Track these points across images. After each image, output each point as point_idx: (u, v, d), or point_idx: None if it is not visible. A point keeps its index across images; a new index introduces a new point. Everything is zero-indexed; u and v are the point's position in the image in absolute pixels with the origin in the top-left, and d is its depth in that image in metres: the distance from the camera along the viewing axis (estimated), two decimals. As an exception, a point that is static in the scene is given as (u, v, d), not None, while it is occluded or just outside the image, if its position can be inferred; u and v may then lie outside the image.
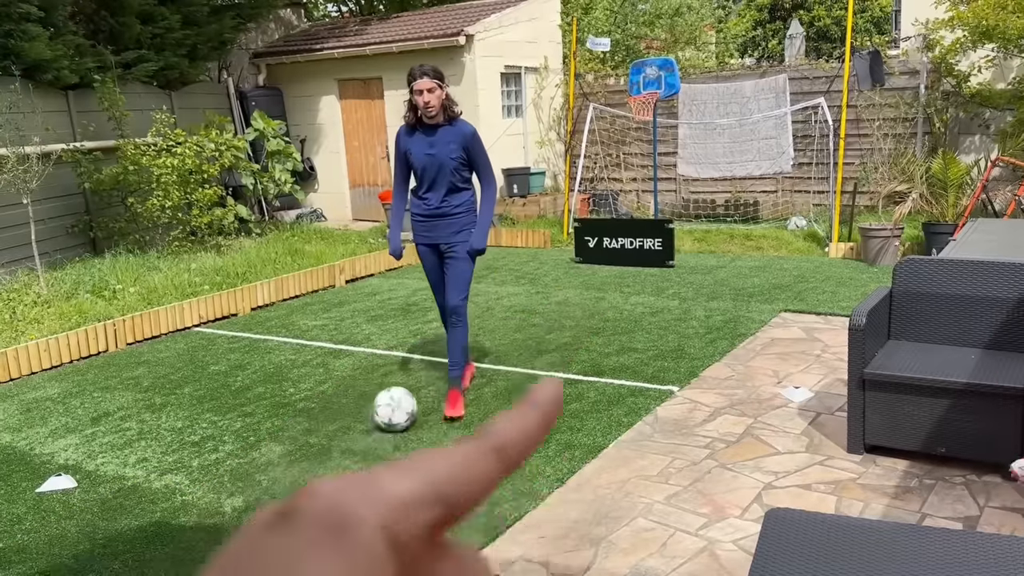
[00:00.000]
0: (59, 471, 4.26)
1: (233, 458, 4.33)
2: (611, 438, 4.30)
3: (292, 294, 8.11)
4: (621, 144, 12.15)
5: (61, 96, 9.35)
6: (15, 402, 5.42)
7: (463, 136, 4.39)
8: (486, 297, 7.71)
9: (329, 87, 12.59)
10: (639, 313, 6.83)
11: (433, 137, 4.40)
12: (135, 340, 6.74)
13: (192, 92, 11.30)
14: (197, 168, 9.60)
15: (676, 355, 5.64)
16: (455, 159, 4.40)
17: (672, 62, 9.63)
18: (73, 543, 3.53)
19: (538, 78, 12.51)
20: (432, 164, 4.41)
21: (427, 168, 4.43)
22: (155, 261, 9.03)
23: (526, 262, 9.39)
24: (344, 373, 5.64)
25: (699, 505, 3.58)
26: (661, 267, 8.64)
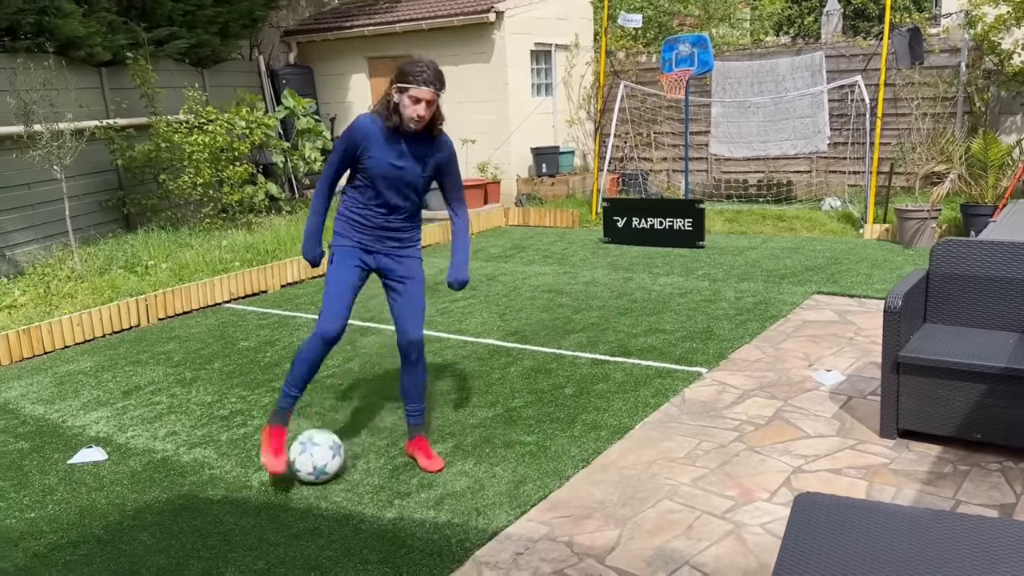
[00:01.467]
0: (90, 443, 4.33)
1: (261, 433, 4.36)
2: (638, 419, 4.26)
3: (322, 272, 8.14)
4: (652, 123, 12.00)
5: (94, 73, 9.42)
6: (48, 375, 5.50)
7: (441, 154, 3.72)
8: (513, 276, 7.68)
9: (359, 65, 12.57)
10: (668, 294, 6.75)
11: (402, 147, 3.61)
12: (166, 315, 6.81)
13: (223, 70, 11.34)
14: (228, 146, 9.65)
15: (705, 336, 5.57)
16: (425, 177, 3.69)
17: (706, 39, 9.47)
18: (103, 514, 3.58)
19: (568, 56, 12.37)
20: (397, 178, 3.62)
21: (390, 180, 3.62)
22: (187, 238, 9.11)
23: (554, 242, 9.33)
24: (371, 350, 5.65)
25: (726, 488, 3.54)
26: (691, 248, 8.54)
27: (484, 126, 11.54)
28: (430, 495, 3.58)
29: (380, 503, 3.53)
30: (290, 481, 3.78)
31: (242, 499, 3.65)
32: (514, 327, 6.02)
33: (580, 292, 6.96)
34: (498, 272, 7.90)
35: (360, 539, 3.26)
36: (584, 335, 5.74)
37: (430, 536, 3.25)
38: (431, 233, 9.61)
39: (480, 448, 4.01)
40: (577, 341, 5.61)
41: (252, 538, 3.32)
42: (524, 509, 3.42)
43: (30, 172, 8.48)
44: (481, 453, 3.96)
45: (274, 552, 3.21)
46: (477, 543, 3.19)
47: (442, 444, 4.09)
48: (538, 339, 5.70)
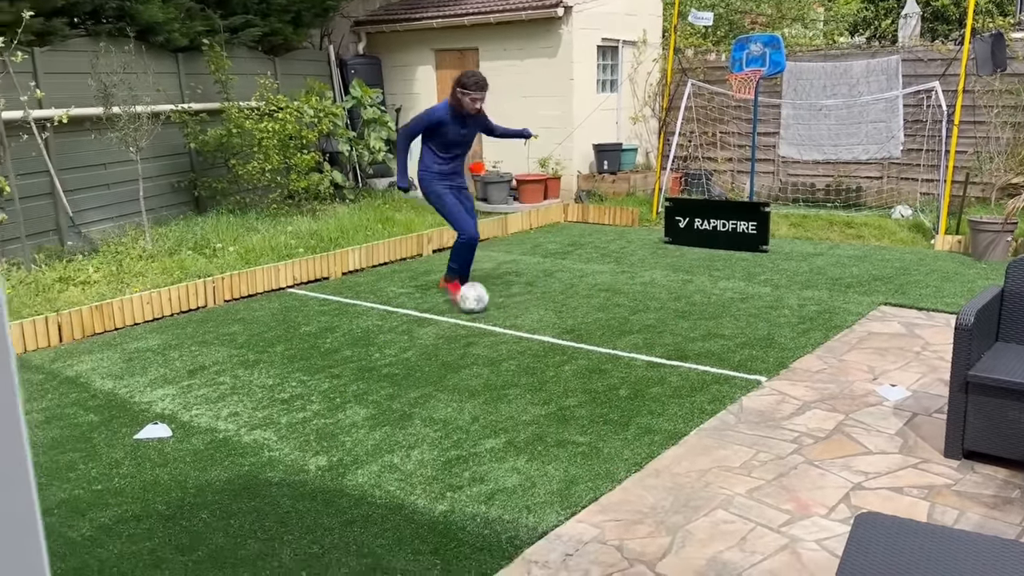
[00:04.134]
0: (156, 420, 4.47)
1: (319, 418, 4.45)
2: (692, 425, 4.22)
3: (381, 260, 8.25)
4: (718, 122, 11.82)
5: (171, 58, 9.69)
6: (119, 351, 5.70)
7: (481, 123, 6.61)
8: (570, 274, 7.66)
9: (426, 57, 12.66)
10: (728, 298, 6.66)
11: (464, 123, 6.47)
12: (232, 298, 6.99)
13: (294, 58, 11.55)
14: (297, 133, 9.83)
15: (765, 344, 5.48)
16: (473, 137, 6.58)
17: (778, 39, 9.28)
18: (165, 490, 3.70)
19: (636, 52, 12.26)
20: (463, 141, 6.51)
21: (458, 143, 6.50)
22: (254, 222, 9.32)
23: (612, 240, 9.28)
24: (427, 341, 5.71)
25: (782, 501, 3.48)
26: (754, 251, 8.40)
27: (547, 121, 11.52)
28: (482, 490, 3.60)
29: (433, 495, 3.57)
30: (347, 467, 3.85)
31: (299, 482, 3.74)
32: (570, 325, 6.02)
33: (638, 292, 6.91)
34: (555, 268, 7.90)
35: (412, 529, 3.31)
36: (640, 336, 5.70)
37: (480, 531, 3.28)
38: (488, 227, 9.65)
39: (532, 446, 4.02)
40: (633, 342, 5.58)
41: (308, 521, 3.40)
42: (575, 510, 3.42)
43: (108, 152, 8.77)
44: (533, 451, 3.97)
45: (328, 537, 3.27)
46: (527, 541, 3.20)
47: (495, 439, 4.11)
48: (594, 338, 5.68)
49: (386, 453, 3.99)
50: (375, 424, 4.34)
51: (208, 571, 3.07)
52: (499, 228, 9.74)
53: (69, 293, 6.74)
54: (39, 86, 7.93)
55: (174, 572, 3.06)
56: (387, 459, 3.93)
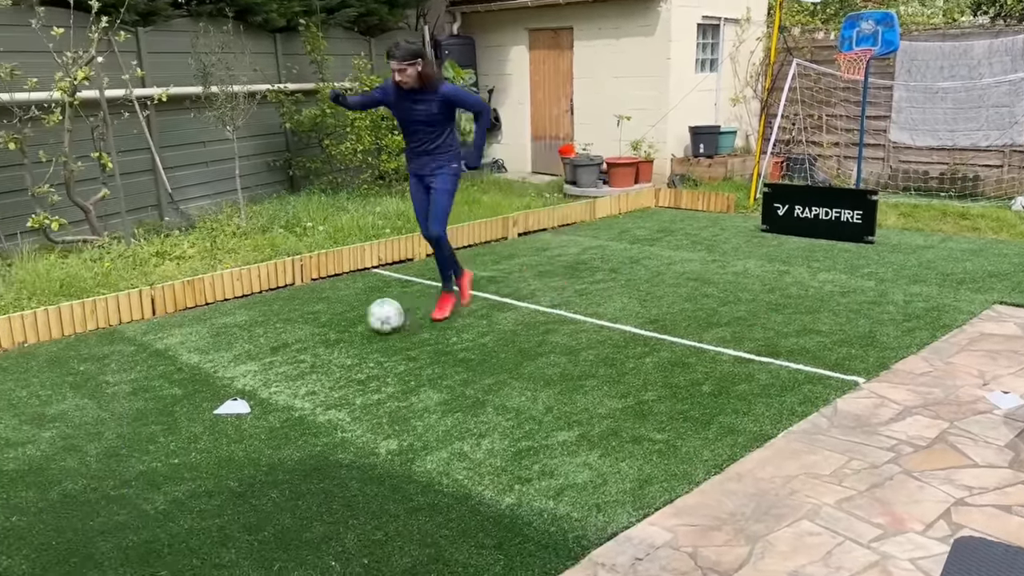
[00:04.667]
0: (236, 396, 4.53)
1: (393, 400, 4.42)
2: (781, 427, 3.96)
3: (465, 243, 8.20)
4: (824, 105, 11.23)
5: (269, 38, 9.86)
6: (207, 325, 5.83)
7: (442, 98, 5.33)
8: (658, 261, 7.41)
9: (520, 37, 12.51)
10: (827, 292, 6.29)
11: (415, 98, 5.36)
12: (319, 276, 7.07)
13: (389, 39, 11.58)
14: (389, 115, 9.87)
15: (865, 342, 5.13)
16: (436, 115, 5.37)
17: (892, 16, 8.70)
18: (239, 467, 3.73)
19: (738, 30, 11.77)
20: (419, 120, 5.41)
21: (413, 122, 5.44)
22: (344, 202, 9.42)
23: (705, 227, 8.94)
24: (506, 327, 5.61)
25: (875, 514, 3.21)
26: (858, 242, 7.93)
27: (641, 102, 11.20)
28: (551, 484, 3.48)
29: (500, 486, 3.47)
30: (416, 452, 3.79)
31: (368, 466, 3.70)
32: (654, 315, 5.80)
33: (729, 283, 6.61)
34: (642, 256, 7.65)
35: (477, 521, 3.21)
36: (729, 330, 5.44)
37: (547, 528, 3.15)
38: (575, 211, 9.46)
39: (606, 440, 3.86)
40: (721, 336, 5.32)
41: (374, 506, 3.35)
42: (647, 511, 3.25)
43: (206, 131, 9.02)
44: (607, 446, 3.81)
45: (393, 524, 3.22)
46: (595, 542, 3.06)
47: (567, 432, 3.97)
48: (678, 330, 5.45)
49: (456, 440, 3.91)
50: (447, 410, 4.27)
51: (273, 552, 3.05)
52: (586, 212, 9.54)
53: (164, 267, 6.96)
54: (141, 65, 8.20)
55: (240, 551, 3.07)
56: (457, 446, 3.85)
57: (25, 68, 6.90)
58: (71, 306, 5.68)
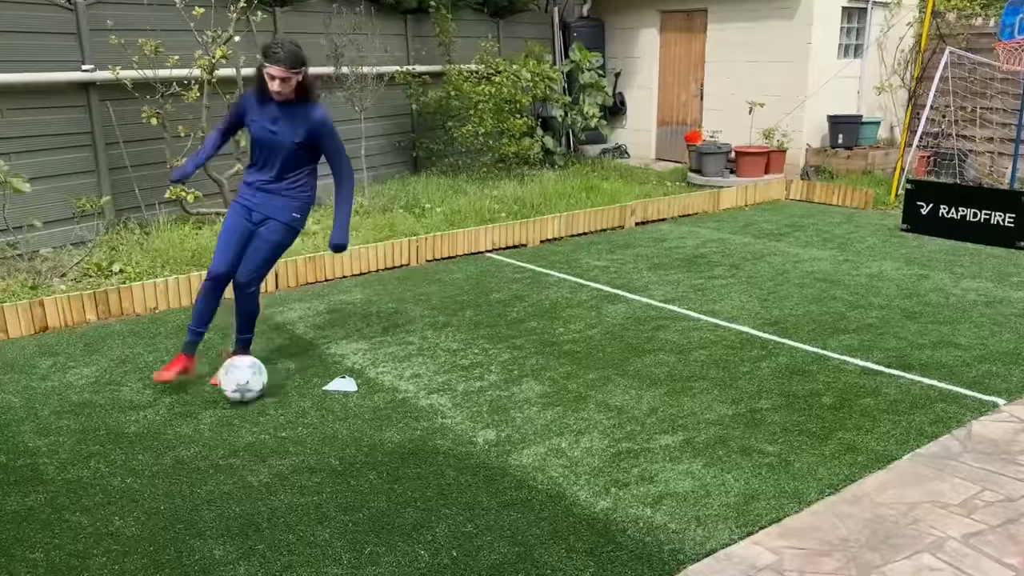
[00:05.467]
0: (345, 374, 4.61)
1: (495, 389, 4.38)
2: (907, 448, 3.66)
3: (581, 230, 8.06)
4: (979, 97, 10.35)
5: (400, 20, 9.99)
6: (324, 302, 5.97)
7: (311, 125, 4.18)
8: (783, 258, 7.03)
9: (651, 19, 12.16)
10: (970, 301, 5.79)
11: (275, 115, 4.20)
12: (433, 258, 7.12)
13: (518, 21, 11.53)
14: (512, 97, 9.83)
15: (1010, 359, 4.67)
16: (297, 143, 4.20)
17: (1065, -1, 7.88)
18: (342, 445, 3.78)
19: (887, 14, 11.00)
20: (270, 142, 4.21)
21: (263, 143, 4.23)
22: (463, 184, 9.47)
23: (839, 223, 8.43)
24: (615, 320, 5.45)
25: (1008, 553, 2.90)
26: (1009, 248, 7.27)
27: (775, 88, 10.67)
28: (649, 490, 3.34)
29: (596, 488, 3.36)
30: (514, 444, 3.73)
31: (465, 454, 3.67)
32: (775, 316, 5.50)
33: (860, 286, 6.20)
34: (767, 251, 7.29)
35: (569, 523, 3.12)
36: (856, 337, 5.08)
37: (642, 537, 3.02)
38: (698, 201, 9.13)
39: (712, 449, 3.68)
40: (847, 343, 4.98)
41: (467, 497, 3.32)
42: (751, 529, 3.06)
43: (335, 111, 9.13)
44: (713, 455, 3.62)
45: (484, 517, 3.17)
46: (692, 557, 2.91)
47: (671, 436, 3.81)
48: (800, 334, 5.14)
49: (555, 435, 3.82)
50: (548, 403, 4.18)
51: (366, 535, 3.07)
52: (710, 203, 9.19)
53: (289, 242, 7.18)
54: (278, 46, 8.46)
55: (335, 531, 3.10)
56: (555, 442, 3.76)
57: (168, 46, 7.25)
58: (200, 276, 5.94)
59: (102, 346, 5.10)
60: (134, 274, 6.19)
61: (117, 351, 5.01)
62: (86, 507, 3.28)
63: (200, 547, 3.01)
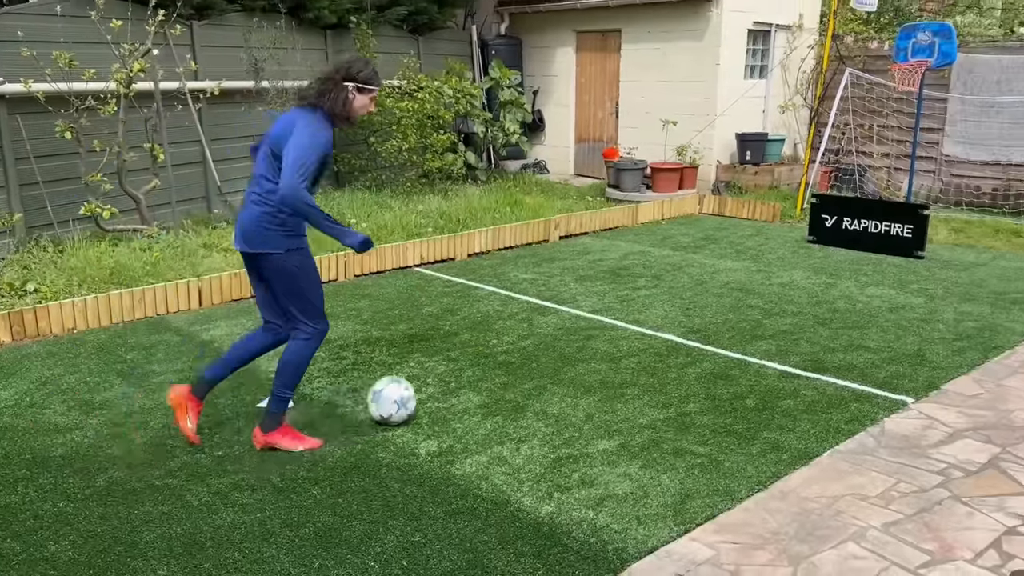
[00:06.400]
0: (279, 390, 4.56)
1: (434, 401, 4.42)
2: (826, 446, 3.89)
3: (507, 244, 8.19)
4: (876, 115, 11.02)
5: (320, 35, 9.95)
6: (252, 318, 5.88)
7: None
8: (701, 269, 7.33)
9: (567, 39, 12.46)
10: (876, 307, 6.17)
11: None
12: (361, 273, 7.11)
13: (437, 38, 11.64)
14: (435, 113, 9.91)
15: (915, 361, 5.02)
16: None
17: (950, 28, 8.52)
18: (281, 461, 3.76)
19: (790, 37, 11.60)
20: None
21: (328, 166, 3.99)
22: (387, 199, 9.47)
23: (750, 236, 8.83)
24: (547, 331, 5.58)
25: (923, 539, 3.14)
26: (908, 257, 7.77)
27: (687, 107, 11.09)
28: (591, 493, 3.45)
29: (540, 494, 3.45)
30: (456, 454, 3.79)
31: (408, 466, 3.71)
32: (697, 325, 5.73)
33: (774, 294, 6.52)
34: (685, 263, 7.58)
35: (516, 528, 3.20)
36: (774, 342, 5.36)
37: (587, 538, 3.13)
38: (617, 216, 9.40)
39: (647, 451, 3.83)
40: (765, 348, 5.24)
41: (413, 507, 3.35)
42: (688, 527, 3.21)
43: (256, 125, 9.12)
44: (648, 457, 3.77)
45: (431, 527, 3.22)
46: (634, 555, 3.03)
47: (608, 440, 3.94)
48: (722, 341, 5.38)
49: (496, 444, 3.90)
50: (487, 413, 4.26)
51: (313, 549, 3.07)
52: (629, 217, 9.47)
53: (212, 259, 7.05)
54: (195, 59, 8.32)
55: (281, 547, 3.09)
56: (496, 451, 3.84)
57: (82, 59, 7.04)
58: (120, 294, 5.78)
59: (19, 368, 4.90)
60: (49, 293, 5.96)
61: (36, 373, 4.83)
62: (17, 533, 3.17)
63: (143, 568, 2.95)
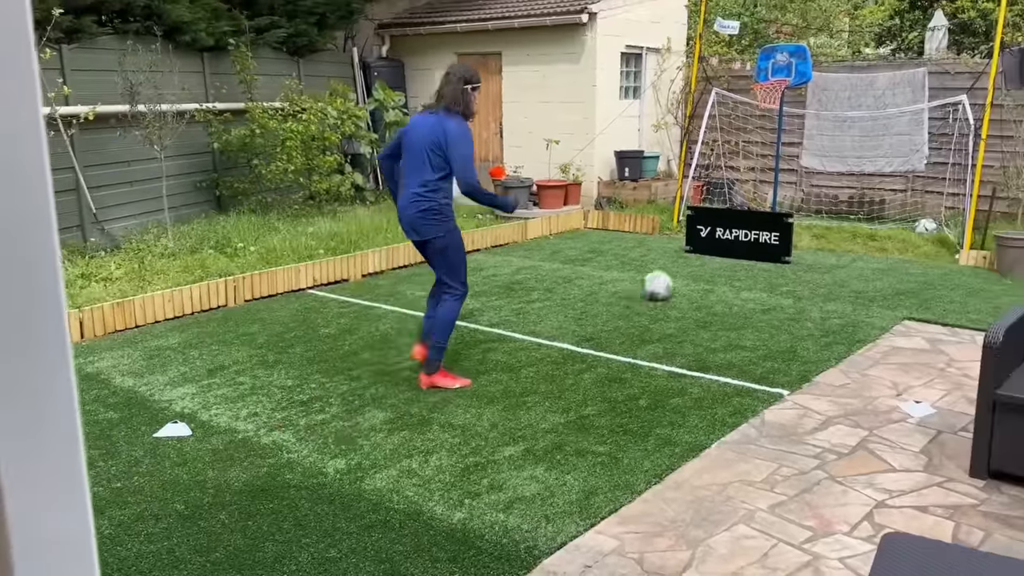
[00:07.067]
0: (176, 418, 4.48)
1: (338, 420, 4.45)
2: (714, 438, 4.18)
3: (401, 263, 8.25)
4: (741, 132, 11.76)
5: (197, 57, 9.75)
6: (139, 348, 5.72)
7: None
8: (590, 281, 7.63)
9: (449, 61, 12.66)
10: (750, 309, 6.61)
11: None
12: (253, 297, 7.00)
13: (318, 60, 11.60)
14: (320, 135, 9.87)
15: (788, 357, 5.42)
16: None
17: (805, 49, 9.22)
18: (185, 489, 3.70)
19: (660, 59, 12.22)
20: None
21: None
22: (275, 222, 9.35)
23: (633, 248, 9.23)
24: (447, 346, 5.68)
25: (805, 517, 3.43)
26: (776, 263, 8.33)
27: (568, 127, 11.50)
28: (500, 498, 3.58)
29: (451, 501, 3.55)
30: (365, 471, 3.83)
31: (317, 485, 3.73)
32: (589, 333, 5.98)
33: (658, 302, 6.87)
34: (575, 276, 7.87)
35: (430, 536, 3.29)
36: (661, 346, 5.66)
37: (499, 539, 3.25)
38: (507, 232, 9.63)
39: (551, 454, 4.00)
40: (654, 352, 5.54)
41: (325, 525, 3.38)
42: (594, 521, 3.39)
43: (132, 150, 8.84)
44: (552, 460, 3.94)
45: (346, 541, 3.26)
46: (545, 551, 3.18)
47: (513, 447, 4.09)
48: (613, 347, 5.65)
49: (404, 458, 3.98)
50: (393, 428, 4.33)
51: (226, 572, 3.06)
52: (518, 234, 9.72)
53: (91, 289, 6.78)
54: (66, 83, 8.00)
55: (192, 573, 3.06)
56: (405, 464, 3.91)
57: (-58, 84, 6.65)
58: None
59: None
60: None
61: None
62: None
63: (47, 606, 2.86)
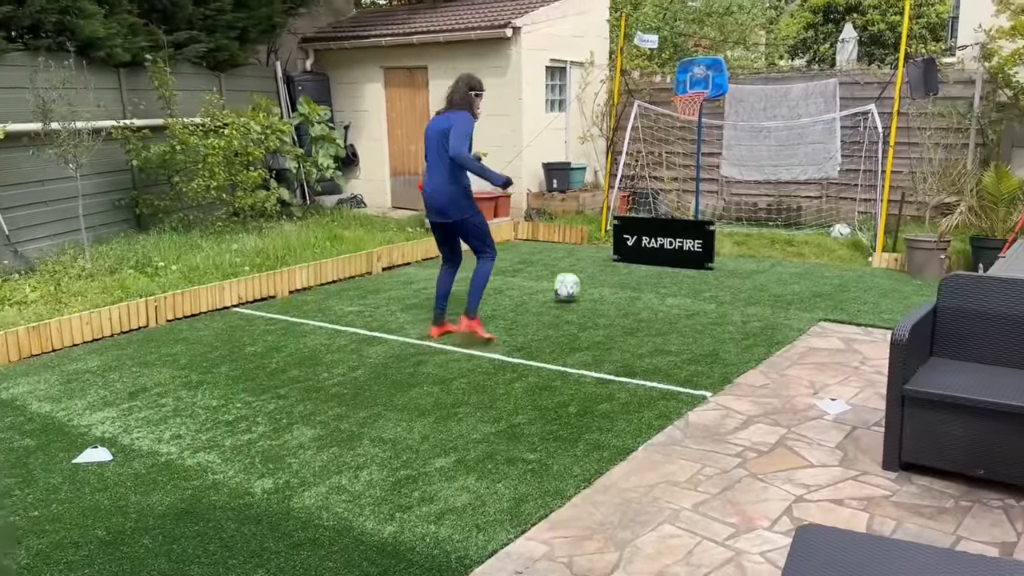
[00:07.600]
0: (95, 443, 4.35)
1: (265, 439, 4.39)
2: (641, 441, 4.27)
3: (330, 279, 8.18)
4: (664, 143, 12.04)
5: (113, 73, 9.50)
6: (56, 372, 5.53)
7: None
8: (520, 292, 7.70)
9: (375, 75, 12.65)
10: (675, 315, 6.77)
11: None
12: (175, 317, 6.85)
13: (240, 75, 11.42)
14: (243, 150, 9.71)
15: (710, 360, 5.58)
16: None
17: (721, 62, 9.51)
18: (106, 515, 3.60)
19: (583, 73, 12.44)
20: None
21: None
22: (198, 240, 9.15)
23: (562, 257, 9.35)
24: (377, 360, 5.67)
25: (727, 514, 3.54)
26: (699, 269, 8.55)
27: (496, 139, 11.59)
28: (431, 509, 3.59)
29: (381, 516, 3.55)
30: (293, 489, 3.79)
31: (244, 505, 3.67)
32: (520, 343, 6.04)
33: (586, 310, 6.98)
34: (505, 287, 7.93)
35: (360, 551, 3.27)
36: (589, 353, 5.75)
37: (430, 551, 3.26)
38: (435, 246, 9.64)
39: (482, 464, 4.02)
40: (582, 359, 5.63)
41: (253, 545, 3.34)
42: (524, 527, 3.43)
43: (46, 169, 8.54)
44: (483, 469, 3.97)
45: (275, 561, 3.22)
46: (476, 560, 3.20)
47: (444, 458, 4.10)
48: (543, 356, 5.72)
49: (334, 474, 3.95)
50: (323, 445, 4.29)
51: (150, 598, 2.99)
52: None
53: (4, 313, 6.53)
54: (-26, 101, 7.70)
55: (114, 600, 2.98)
56: (335, 480, 3.89)
57: None
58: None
59: None
60: None
61: None
62: None
63: (-41, 643, 2.75)
